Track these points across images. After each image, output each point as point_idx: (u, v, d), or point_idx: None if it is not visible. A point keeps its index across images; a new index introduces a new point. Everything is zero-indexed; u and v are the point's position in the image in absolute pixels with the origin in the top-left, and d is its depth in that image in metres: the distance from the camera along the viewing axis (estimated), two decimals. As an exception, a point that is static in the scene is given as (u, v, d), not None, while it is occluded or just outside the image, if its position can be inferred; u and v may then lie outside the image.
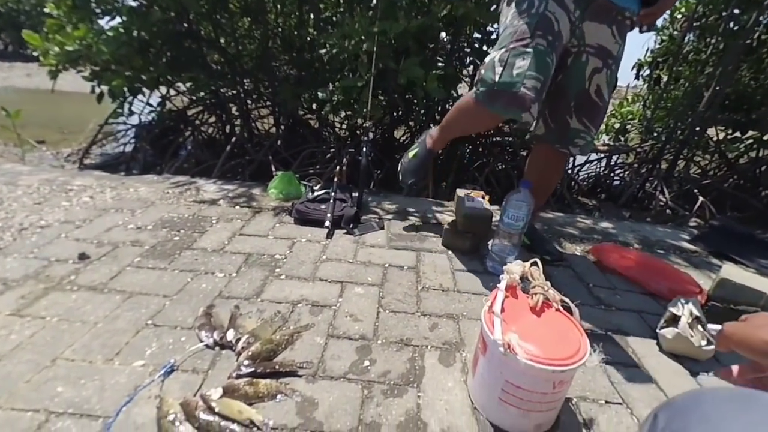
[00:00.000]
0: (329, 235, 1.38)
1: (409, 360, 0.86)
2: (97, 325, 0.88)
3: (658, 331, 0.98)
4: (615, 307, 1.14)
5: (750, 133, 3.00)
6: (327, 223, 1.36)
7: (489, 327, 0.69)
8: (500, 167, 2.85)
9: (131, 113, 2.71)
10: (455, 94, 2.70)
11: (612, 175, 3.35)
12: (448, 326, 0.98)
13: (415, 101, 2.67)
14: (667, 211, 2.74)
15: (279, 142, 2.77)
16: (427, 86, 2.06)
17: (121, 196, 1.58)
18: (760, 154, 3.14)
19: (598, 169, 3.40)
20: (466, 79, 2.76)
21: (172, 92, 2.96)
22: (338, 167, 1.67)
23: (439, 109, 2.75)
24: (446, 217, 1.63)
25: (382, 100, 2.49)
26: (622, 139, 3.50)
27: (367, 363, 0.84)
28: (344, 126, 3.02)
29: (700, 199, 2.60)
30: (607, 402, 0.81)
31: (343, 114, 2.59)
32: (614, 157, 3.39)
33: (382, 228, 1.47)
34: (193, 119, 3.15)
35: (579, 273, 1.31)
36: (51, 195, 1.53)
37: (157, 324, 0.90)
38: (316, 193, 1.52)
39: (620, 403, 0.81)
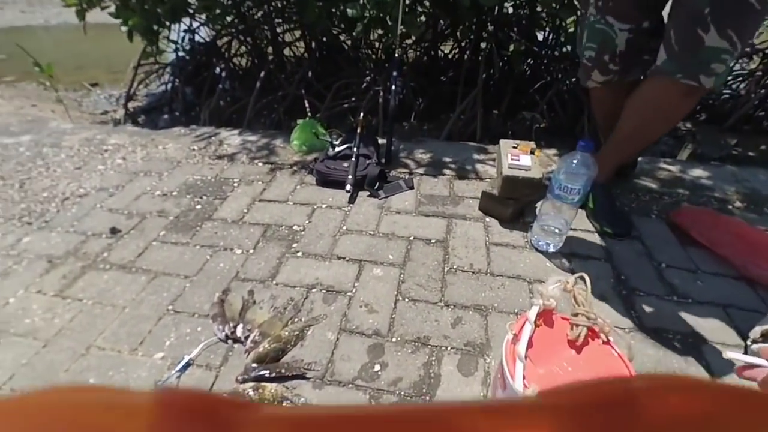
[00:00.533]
0: (351, 200, 1.25)
1: (425, 365, 0.79)
2: (125, 310, 0.92)
3: (749, 345, 0.77)
4: (692, 299, 0.92)
5: None
6: (348, 187, 1.23)
7: (510, 368, 0.56)
8: (566, 86, 2.34)
9: (159, 51, 2.60)
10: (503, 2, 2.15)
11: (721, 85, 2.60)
12: (474, 322, 0.87)
13: (459, 10, 2.18)
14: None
15: (310, 73, 2.52)
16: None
17: (150, 156, 1.57)
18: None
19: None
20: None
21: (196, 24, 2.75)
22: (361, 114, 1.45)
23: (489, 18, 2.22)
24: (489, 169, 1.40)
25: (420, 12, 2.06)
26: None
27: (377, 367, 0.79)
28: (380, 48, 2.63)
29: None
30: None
31: (379, 33, 2.22)
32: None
33: (412, 187, 1.30)
34: (223, 51, 2.96)
35: (649, 247, 1.07)
36: (89, 157, 1.57)
37: (177, 310, 0.92)
38: (336, 149, 1.36)
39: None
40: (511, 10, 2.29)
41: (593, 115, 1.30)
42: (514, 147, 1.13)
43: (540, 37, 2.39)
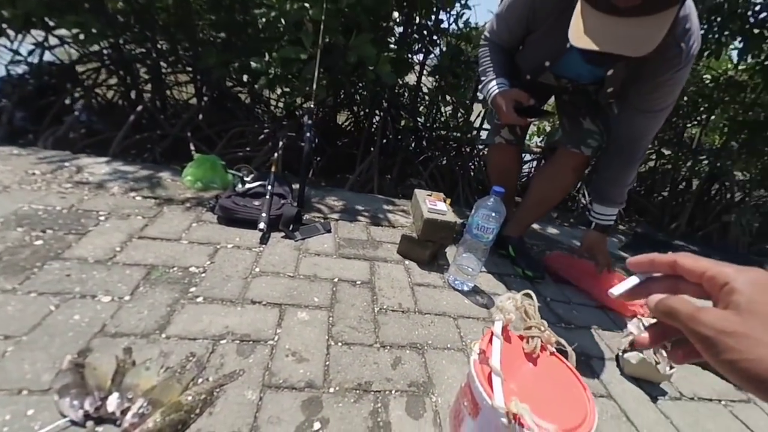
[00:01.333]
0: (264, 240, 1.12)
1: (371, 414, 0.69)
2: None
3: (621, 354, 0.95)
4: (574, 325, 1.10)
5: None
6: (262, 225, 1.10)
7: (485, 387, 0.54)
8: (443, 162, 2.79)
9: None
10: (401, 82, 2.55)
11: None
12: (413, 360, 0.83)
13: (361, 84, 2.45)
14: (587, 213, 2.96)
15: (201, 117, 2.33)
16: (379, 68, 1.85)
17: (-49, 176, 1.11)
18: (657, 164, 3.58)
19: (530, 170, 3.55)
20: (416, 67, 2.61)
21: (54, 40, 2.30)
22: (275, 153, 1.39)
23: (386, 96, 2.56)
24: (399, 218, 1.47)
25: (324, 78, 2.21)
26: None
27: (317, 425, 0.65)
28: (280, 104, 2.67)
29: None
30: (588, 446, 0.73)
31: (280, 91, 2.26)
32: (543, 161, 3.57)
33: (329, 230, 1.26)
34: (84, 78, 2.50)
35: (536, 285, 1.26)
36: None
37: (-13, 388, 0.59)
38: (247, 185, 1.24)
39: (599, 446, 0.74)
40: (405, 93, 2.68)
41: (487, 175, 1.57)
42: (429, 195, 1.24)
43: (421, 119, 2.84)
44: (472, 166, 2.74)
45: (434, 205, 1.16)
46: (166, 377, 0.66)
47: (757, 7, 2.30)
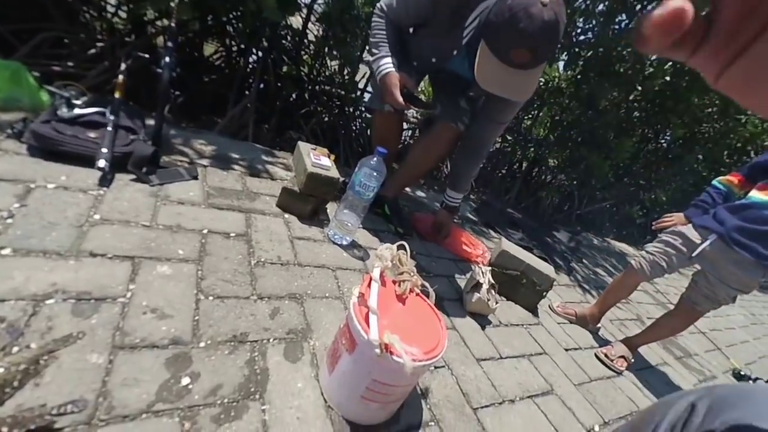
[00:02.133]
0: (105, 182, 0.91)
1: (248, 363, 0.68)
2: None
3: (464, 294, 1.17)
4: (433, 273, 1.29)
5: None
6: (102, 163, 0.89)
7: (362, 325, 0.59)
8: (327, 119, 2.73)
9: None
10: (285, 23, 2.32)
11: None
12: (292, 310, 0.84)
13: (238, 13, 2.12)
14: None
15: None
16: (263, 1, 1.64)
17: None
18: (500, 146, 4.35)
19: (406, 139, 3.81)
20: (303, 9, 2.40)
21: None
22: (119, 75, 1.10)
23: (267, 34, 2.30)
24: (278, 171, 1.40)
25: (191, -5, 1.83)
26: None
27: (186, 381, 0.60)
28: (122, 14, 2.09)
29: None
30: (435, 368, 0.89)
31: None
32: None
33: (195, 177, 1.10)
34: None
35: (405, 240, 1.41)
36: None
37: None
38: (77, 111, 0.95)
39: (443, 366, 0.91)
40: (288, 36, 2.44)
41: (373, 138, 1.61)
42: (313, 149, 1.21)
43: (305, 69, 2.67)
44: (354, 127, 2.77)
45: (318, 159, 1.15)
46: (-44, 349, 0.49)
47: (579, 30, 2.93)
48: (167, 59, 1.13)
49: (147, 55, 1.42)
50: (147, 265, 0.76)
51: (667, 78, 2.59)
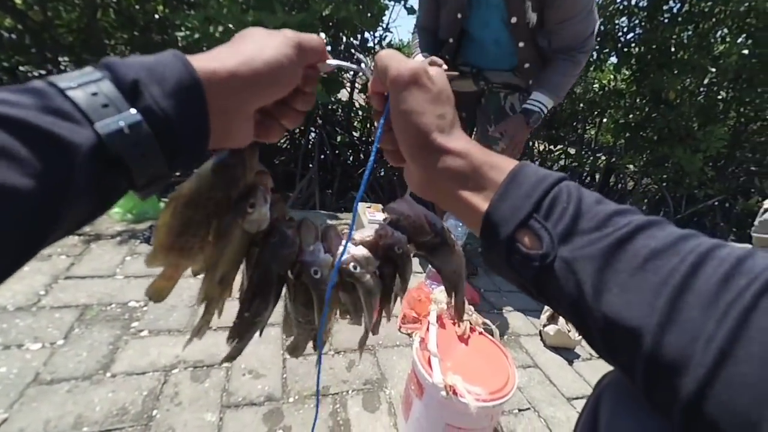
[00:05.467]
0: (207, 266, 1.11)
1: (331, 415, 0.74)
2: None
3: (542, 329, 1.11)
4: (505, 309, 1.25)
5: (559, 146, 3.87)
6: (203, 252, 1.09)
7: (426, 369, 0.63)
8: (381, 173, 2.92)
9: None
10: (333, 99, 2.64)
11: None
12: (366, 361, 0.89)
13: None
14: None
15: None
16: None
17: None
18: (565, 163, 4.10)
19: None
20: (347, 84, 2.72)
21: None
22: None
23: (320, 113, 2.63)
24: (344, 229, 1.53)
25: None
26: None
27: (280, 433, 0.68)
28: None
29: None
30: (519, 410, 0.85)
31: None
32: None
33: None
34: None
35: (471, 279, 1.41)
36: None
37: None
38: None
39: (528, 408, 0.86)
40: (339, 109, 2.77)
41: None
42: (368, 207, 1.33)
43: (357, 133, 2.95)
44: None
45: (374, 216, 1.25)
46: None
47: (624, 29, 2.80)
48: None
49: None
50: (242, 333, 0.90)
51: (745, 51, 2.30)
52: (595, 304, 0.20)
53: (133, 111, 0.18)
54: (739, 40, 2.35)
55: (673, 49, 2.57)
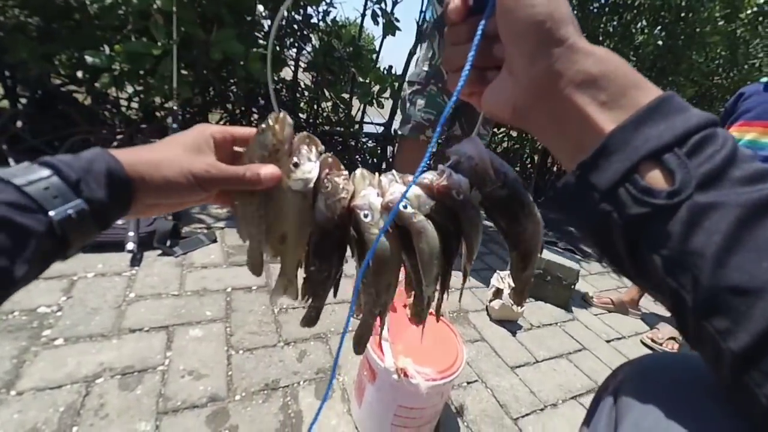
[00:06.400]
0: (136, 262, 1.00)
1: (281, 408, 0.71)
2: None
3: (488, 304, 1.16)
4: (454, 288, 1.29)
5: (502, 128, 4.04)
6: (131, 246, 0.98)
7: (377, 354, 0.62)
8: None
9: None
10: (276, 78, 2.50)
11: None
12: (318, 350, 0.87)
13: (233, 80, 2.31)
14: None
15: (19, 123, 1.88)
16: (250, 65, 1.79)
17: None
18: (508, 145, 4.31)
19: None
20: (290, 63, 2.57)
21: None
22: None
23: (262, 91, 2.47)
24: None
25: (188, 75, 2.02)
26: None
27: (226, 435, 0.64)
28: (134, 105, 2.32)
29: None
30: (468, 383, 0.89)
31: (132, 89, 1.97)
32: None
33: (215, 240, 1.19)
34: None
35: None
36: None
37: None
38: (104, 204, 1.07)
39: (476, 381, 0.91)
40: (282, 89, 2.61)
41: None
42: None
43: (303, 115, 2.83)
44: (359, 158, 2.86)
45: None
46: (26, 438, 0.56)
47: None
48: (174, 139, 1.25)
49: (156, 139, 1.57)
50: (180, 331, 0.83)
51: (660, 42, 2.54)
52: (718, 261, 0.16)
53: (79, 200, 0.23)
54: (655, 32, 2.59)
55: (600, 38, 2.76)
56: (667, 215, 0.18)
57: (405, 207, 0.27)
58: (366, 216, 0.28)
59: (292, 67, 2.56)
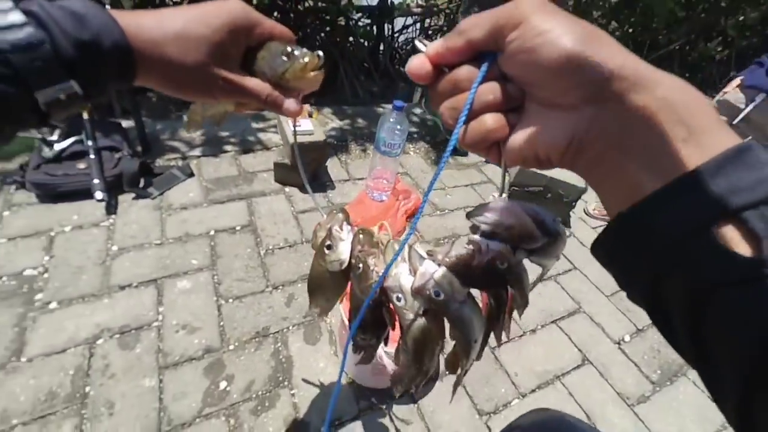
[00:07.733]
0: (111, 209, 0.97)
1: (273, 355, 0.77)
2: None
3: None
4: (447, 210, 1.25)
5: None
6: (99, 195, 0.93)
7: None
8: (318, 43, 2.45)
9: None
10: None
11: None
12: (305, 292, 0.89)
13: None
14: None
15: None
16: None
17: None
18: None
19: (414, 34, 3.32)
20: None
21: None
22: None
23: None
24: (271, 136, 1.35)
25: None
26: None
27: (224, 384, 0.71)
28: None
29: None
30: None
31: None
32: (427, 21, 3.32)
33: (191, 174, 1.12)
34: None
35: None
36: None
37: None
38: (56, 146, 0.97)
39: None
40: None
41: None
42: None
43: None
44: (350, 42, 2.46)
45: (298, 125, 1.07)
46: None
47: None
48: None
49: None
50: (169, 284, 0.85)
51: None
52: None
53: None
54: None
55: None
56: (750, 288, 0.15)
57: (438, 295, 0.26)
58: (399, 300, 0.30)
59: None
